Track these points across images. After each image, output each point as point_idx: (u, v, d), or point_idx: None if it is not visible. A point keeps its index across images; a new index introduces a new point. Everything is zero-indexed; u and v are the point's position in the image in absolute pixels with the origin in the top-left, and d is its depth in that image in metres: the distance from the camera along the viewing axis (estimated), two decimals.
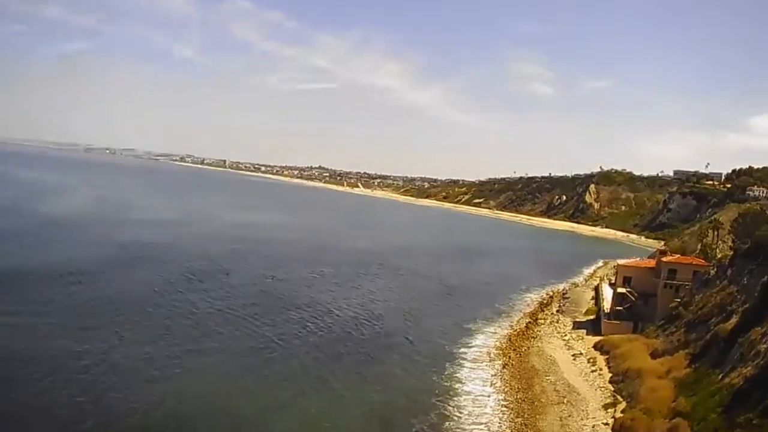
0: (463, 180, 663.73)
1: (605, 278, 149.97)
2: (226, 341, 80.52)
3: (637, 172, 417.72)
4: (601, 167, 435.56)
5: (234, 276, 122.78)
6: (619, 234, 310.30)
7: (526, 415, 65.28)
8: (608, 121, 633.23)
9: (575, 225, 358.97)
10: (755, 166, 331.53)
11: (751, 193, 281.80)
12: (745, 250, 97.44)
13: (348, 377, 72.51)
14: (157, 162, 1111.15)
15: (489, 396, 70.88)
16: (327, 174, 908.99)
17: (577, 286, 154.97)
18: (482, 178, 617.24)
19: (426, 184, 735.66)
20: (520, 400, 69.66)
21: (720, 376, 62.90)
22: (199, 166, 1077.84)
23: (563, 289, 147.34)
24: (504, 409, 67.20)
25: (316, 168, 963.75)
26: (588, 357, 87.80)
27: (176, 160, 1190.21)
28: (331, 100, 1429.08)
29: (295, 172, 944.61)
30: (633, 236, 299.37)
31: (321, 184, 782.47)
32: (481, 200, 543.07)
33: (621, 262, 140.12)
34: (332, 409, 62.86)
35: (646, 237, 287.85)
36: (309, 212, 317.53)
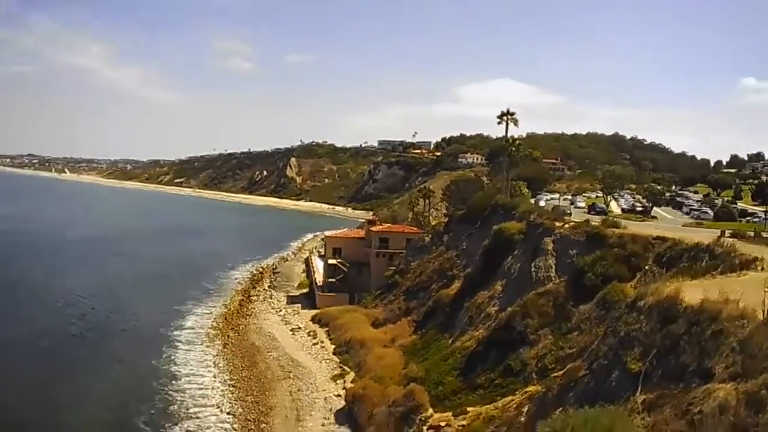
0: (164, 160, 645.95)
1: (314, 251, 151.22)
2: None
3: (339, 144, 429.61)
4: (301, 140, 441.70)
5: None
6: (325, 207, 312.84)
7: (255, 393, 64.14)
8: (312, 96, 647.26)
9: (278, 200, 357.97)
10: (467, 134, 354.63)
11: (463, 160, 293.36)
12: (461, 216, 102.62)
13: (57, 371, 67.30)
14: None
15: (215, 377, 69.18)
16: (36, 161, 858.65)
17: (287, 260, 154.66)
18: (183, 157, 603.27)
19: (129, 166, 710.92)
20: (246, 378, 68.29)
21: (450, 340, 64.39)
22: None
23: (273, 264, 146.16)
24: (232, 388, 65.74)
25: (26, 156, 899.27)
26: (307, 330, 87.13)
27: None
28: (34, 82, 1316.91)
29: (8, 161, 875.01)
30: (339, 208, 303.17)
31: (31, 171, 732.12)
32: (182, 179, 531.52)
33: (329, 233, 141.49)
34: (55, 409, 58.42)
35: (354, 208, 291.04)
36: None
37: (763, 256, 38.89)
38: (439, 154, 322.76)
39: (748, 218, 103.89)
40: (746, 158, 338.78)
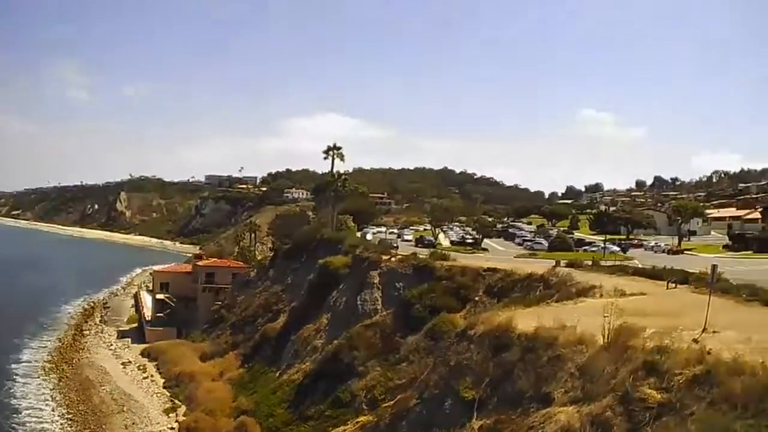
0: (2, 191, 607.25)
1: (143, 285, 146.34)
2: None
3: (167, 179, 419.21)
4: (131, 175, 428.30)
5: None
6: (154, 241, 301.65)
7: (92, 426, 62.36)
8: (142, 129, 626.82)
9: (109, 233, 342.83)
10: (293, 169, 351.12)
11: (289, 195, 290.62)
12: (287, 250, 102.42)
13: None
14: None
15: (53, 410, 66.78)
16: None
17: (117, 294, 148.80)
18: (20, 189, 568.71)
19: None
20: (83, 412, 66.02)
21: (278, 374, 64.26)
22: None
23: (103, 299, 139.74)
24: (70, 422, 63.64)
25: None
26: (138, 364, 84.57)
27: None
28: None
29: None
30: (167, 243, 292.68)
31: None
32: (19, 211, 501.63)
33: (157, 268, 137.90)
34: None
35: (181, 243, 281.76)
36: None
37: (601, 284, 39.48)
38: (264, 189, 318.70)
39: (585, 248, 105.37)
40: (583, 189, 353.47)
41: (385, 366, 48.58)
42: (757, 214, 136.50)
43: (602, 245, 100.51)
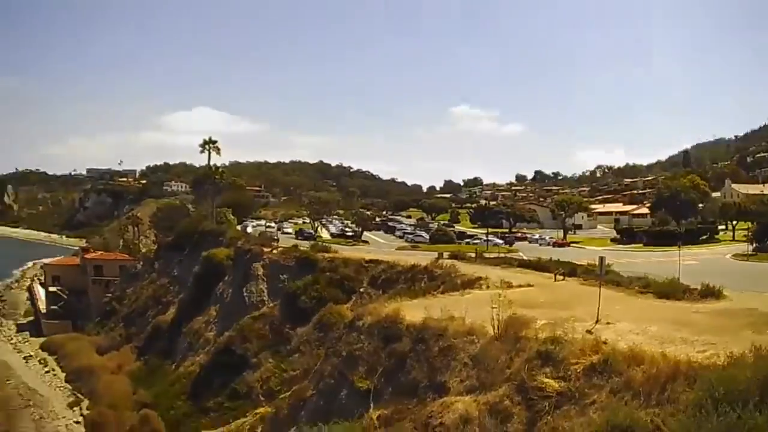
0: None
1: (36, 278, 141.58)
2: None
3: (51, 172, 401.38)
4: (16, 168, 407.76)
5: None
6: (42, 234, 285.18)
7: (1, 420, 60.33)
8: (24, 122, 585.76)
9: None
10: (170, 162, 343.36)
11: (169, 188, 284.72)
12: (170, 243, 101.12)
13: None
14: None
15: None
16: None
17: (11, 288, 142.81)
18: None
19: None
20: None
21: (173, 366, 63.62)
22: None
23: None
24: None
25: None
26: (39, 358, 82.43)
27: None
28: None
29: None
30: (54, 236, 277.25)
31: None
32: None
33: (47, 261, 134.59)
34: None
35: (67, 236, 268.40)
36: None
37: (487, 276, 37.87)
38: (144, 182, 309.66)
39: (467, 240, 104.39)
40: (462, 183, 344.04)
41: (277, 358, 48.51)
42: (645, 209, 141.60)
43: (484, 238, 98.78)
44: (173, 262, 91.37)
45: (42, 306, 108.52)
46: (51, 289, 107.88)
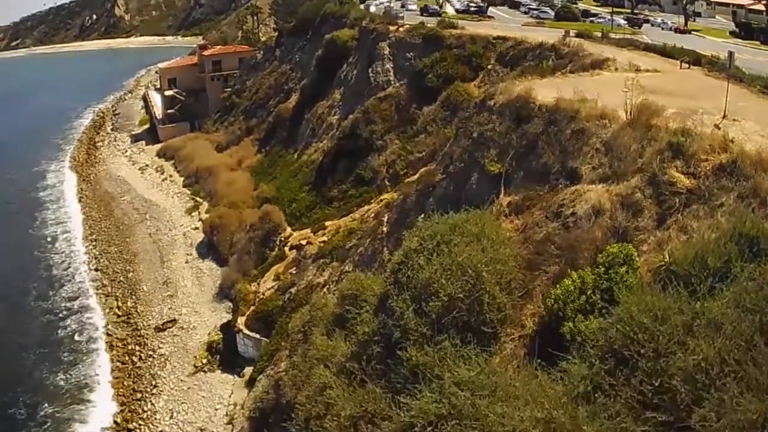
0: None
1: (150, 85, 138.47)
2: None
3: None
4: None
5: None
6: (155, 39, 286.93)
7: (117, 242, 60.29)
8: None
9: (110, 41, 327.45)
10: None
11: None
12: (291, 29, 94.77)
13: None
14: None
15: (75, 230, 65.67)
16: None
17: (124, 99, 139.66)
18: (16, 20, 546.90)
19: None
20: (106, 229, 64.03)
21: (296, 155, 60.57)
22: None
23: (112, 107, 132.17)
24: (95, 242, 61.60)
25: None
26: (155, 167, 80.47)
27: None
28: None
29: None
30: (169, 38, 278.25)
31: None
32: (18, 41, 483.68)
33: (162, 65, 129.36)
34: None
35: (183, 36, 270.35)
36: None
37: (615, 57, 36.42)
38: None
39: (591, 19, 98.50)
40: None
41: (403, 139, 46.98)
42: (761, 6, 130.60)
43: (609, 17, 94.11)
44: (295, 48, 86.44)
45: (158, 112, 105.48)
46: (167, 93, 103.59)
